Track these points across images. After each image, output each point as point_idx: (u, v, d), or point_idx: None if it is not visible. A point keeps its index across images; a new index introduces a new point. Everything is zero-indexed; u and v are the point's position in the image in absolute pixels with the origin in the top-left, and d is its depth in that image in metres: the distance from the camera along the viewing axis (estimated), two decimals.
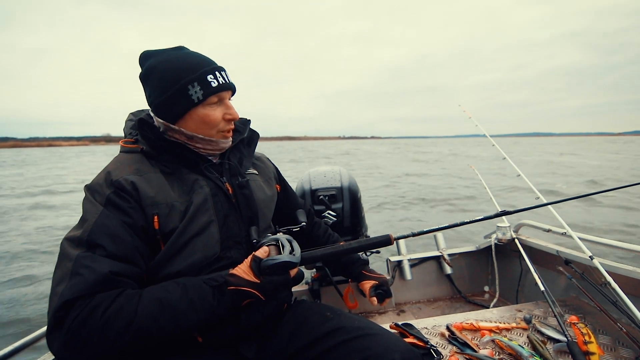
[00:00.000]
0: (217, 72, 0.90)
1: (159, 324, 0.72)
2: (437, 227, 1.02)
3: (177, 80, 0.87)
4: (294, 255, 0.85)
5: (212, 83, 0.89)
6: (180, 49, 0.94)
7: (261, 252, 0.84)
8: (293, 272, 0.86)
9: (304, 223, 1.06)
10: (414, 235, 0.96)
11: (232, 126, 0.97)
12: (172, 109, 0.89)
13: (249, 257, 0.85)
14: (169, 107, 0.89)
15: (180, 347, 0.85)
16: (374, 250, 2.12)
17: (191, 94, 0.87)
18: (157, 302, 0.73)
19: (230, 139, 1.00)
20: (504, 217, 2.09)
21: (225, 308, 0.79)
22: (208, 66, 0.90)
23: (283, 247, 0.86)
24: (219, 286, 0.80)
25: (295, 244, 0.88)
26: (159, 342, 0.74)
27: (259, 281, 0.81)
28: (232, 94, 0.96)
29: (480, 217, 1.06)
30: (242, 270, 0.83)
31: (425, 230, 0.99)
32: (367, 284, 1.23)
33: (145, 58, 0.93)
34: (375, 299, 1.19)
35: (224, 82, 0.91)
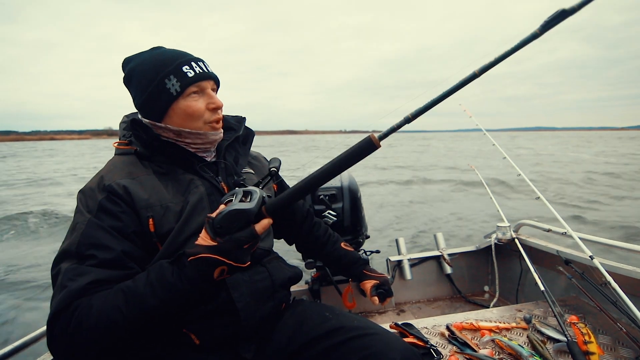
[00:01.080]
0: (193, 63, 0.89)
1: (122, 313, 0.70)
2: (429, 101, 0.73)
3: (155, 76, 0.88)
4: (247, 202, 0.74)
5: (187, 73, 0.88)
6: (157, 49, 0.94)
7: (215, 212, 0.75)
8: (261, 224, 0.75)
9: (274, 168, 0.93)
10: (407, 121, 0.72)
11: (219, 116, 0.94)
12: (155, 106, 0.90)
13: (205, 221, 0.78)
14: (151, 105, 0.90)
15: (177, 349, 0.85)
16: (374, 249, 2.12)
17: (169, 87, 0.87)
18: (120, 292, 0.73)
19: (221, 130, 0.97)
20: (503, 216, 2.10)
21: (188, 283, 0.72)
22: (183, 58, 0.90)
23: (235, 197, 0.76)
24: (176, 260, 0.75)
25: (256, 191, 0.77)
26: (130, 332, 0.72)
27: (215, 243, 0.72)
28: (217, 86, 0.95)
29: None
30: (201, 237, 0.75)
31: (418, 109, 0.72)
32: (369, 284, 1.23)
33: (126, 63, 0.94)
34: (376, 298, 1.19)
35: (201, 71, 0.90)
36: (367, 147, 0.73)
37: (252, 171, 1.07)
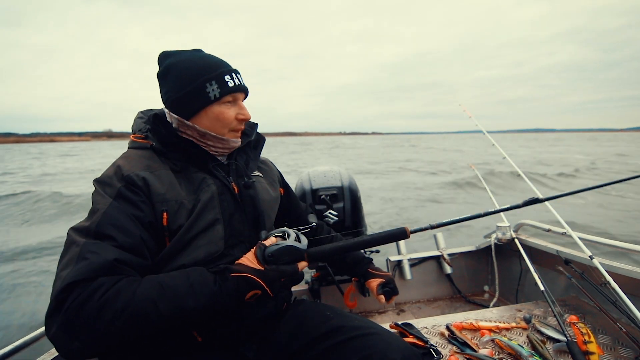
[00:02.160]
0: (233, 74, 0.94)
1: (157, 307, 0.70)
2: (456, 218, 0.94)
3: (196, 77, 0.90)
4: (299, 243, 0.83)
5: (228, 83, 0.92)
6: (199, 51, 0.98)
7: (267, 241, 0.84)
8: (301, 265, 0.84)
9: (315, 223, 1.06)
10: (432, 227, 0.90)
11: (243, 127, 0.99)
12: (189, 105, 0.92)
13: (255, 247, 0.85)
14: (185, 103, 0.92)
15: (180, 347, 0.85)
16: (374, 249, 2.12)
17: (208, 91, 0.91)
18: (157, 285, 0.73)
19: (240, 139, 1.01)
20: (503, 216, 2.10)
21: (227, 296, 0.76)
22: (226, 67, 0.95)
23: (288, 236, 0.85)
24: (221, 272, 0.79)
25: (303, 237, 0.87)
26: (156, 328, 0.71)
27: (263, 268, 0.79)
28: (245, 97, 1.00)
29: (506, 207, 1.03)
30: (247, 258, 0.83)
31: (444, 222, 0.92)
32: (374, 282, 1.24)
33: (165, 57, 0.96)
34: (382, 296, 1.20)
35: (239, 83, 0.95)
36: (400, 235, 0.87)
37: (260, 175, 1.09)
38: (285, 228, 0.89)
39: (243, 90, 0.96)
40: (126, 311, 0.68)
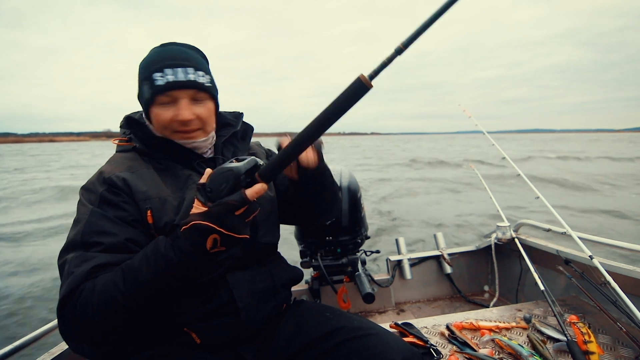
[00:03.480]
0: (167, 69, 0.84)
1: (120, 290, 0.69)
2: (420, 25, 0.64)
3: (140, 77, 0.88)
4: (239, 163, 0.71)
5: (156, 82, 0.83)
6: (166, 45, 0.90)
7: (203, 177, 0.73)
8: (251, 190, 0.70)
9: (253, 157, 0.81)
10: (387, 63, 0.65)
11: (188, 127, 0.88)
12: (142, 106, 0.91)
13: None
14: (141, 104, 0.91)
15: (178, 349, 0.85)
16: (374, 249, 2.11)
17: (144, 92, 0.87)
18: (119, 270, 0.72)
19: (202, 138, 0.92)
20: (503, 216, 2.10)
21: (181, 253, 0.68)
22: (158, 63, 0.85)
23: (226, 162, 0.73)
24: (170, 232, 0.73)
25: (250, 158, 0.74)
26: (130, 310, 0.70)
27: (206, 208, 0.69)
28: (207, 91, 0.89)
29: None
30: (194, 205, 0.72)
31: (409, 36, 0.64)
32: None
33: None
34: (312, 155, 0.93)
35: (174, 79, 0.84)
36: (358, 89, 0.66)
37: None
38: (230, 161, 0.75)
39: (179, 86, 0.84)
40: (101, 303, 0.70)
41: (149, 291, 0.70)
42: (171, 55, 0.86)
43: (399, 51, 0.64)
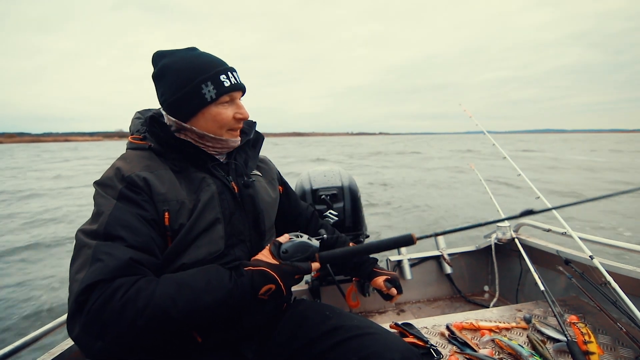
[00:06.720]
0: (229, 73, 0.92)
1: (176, 304, 0.71)
2: (458, 227, 0.97)
3: (191, 79, 0.89)
4: (312, 242, 0.88)
5: (224, 83, 0.91)
6: (193, 50, 0.96)
7: (281, 238, 0.88)
8: (314, 265, 0.88)
9: (325, 236, 1.04)
10: (436, 235, 0.95)
11: (241, 125, 0.99)
12: (185, 107, 0.90)
13: (270, 244, 0.88)
14: (182, 106, 0.90)
15: (179, 348, 0.85)
16: None
17: (204, 92, 0.89)
18: (174, 283, 0.74)
19: (239, 138, 1.00)
20: (503, 217, 2.09)
21: (242, 290, 0.77)
22: (221, 66, 0.92)
23: (301, 236, 0.90)
24: (235, 267, 0.81)
25: (314, 240, 0.91)
26: (177, 325, 0.72)
27: (277, 262, 0.83)
28: (242, 94, 0.98)
29: (504, 217, 1.05)
30: (262, 254, 0.86)
31: (447, 230, 0.96)
32: (380, 279, 1.22)
33: (159, 57, 0.94)
34: (394, 289, 1.18)
35: (235, 82, 0.93)
36: (406, 241, 0.90)
37: (259, 174, 1.09)
38: (298, 232, 0.92)
39: (240, 88, 0.95)
40: (147, 309, 0.68)
41: (203, 314, 0.75)
42: (220, 61, 0.94)
43: (437, 234, 0.95)
